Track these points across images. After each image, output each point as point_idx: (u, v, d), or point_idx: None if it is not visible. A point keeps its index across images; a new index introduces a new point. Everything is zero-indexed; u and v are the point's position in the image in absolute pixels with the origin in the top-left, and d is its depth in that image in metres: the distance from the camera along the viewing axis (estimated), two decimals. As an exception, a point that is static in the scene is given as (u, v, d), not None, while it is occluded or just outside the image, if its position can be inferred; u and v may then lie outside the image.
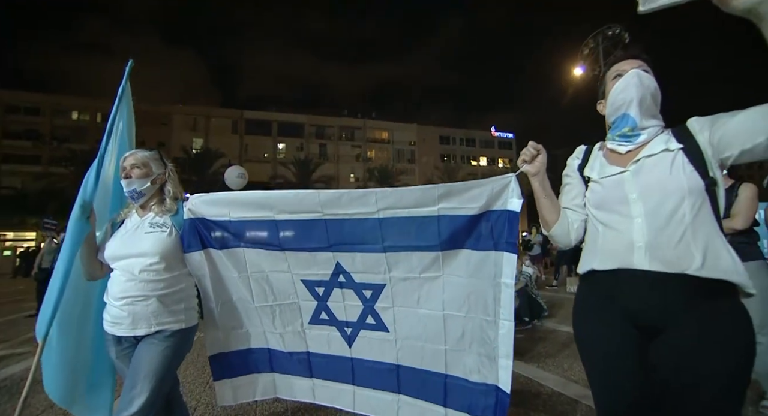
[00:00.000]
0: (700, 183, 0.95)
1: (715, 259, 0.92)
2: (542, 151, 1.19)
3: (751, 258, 2.22)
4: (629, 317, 0.99)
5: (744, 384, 0.91)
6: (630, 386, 0.98)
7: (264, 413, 2.31)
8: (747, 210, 2.23)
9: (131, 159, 1.54)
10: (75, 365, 1.60)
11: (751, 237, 2.30)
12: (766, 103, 0.87)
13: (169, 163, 1.66)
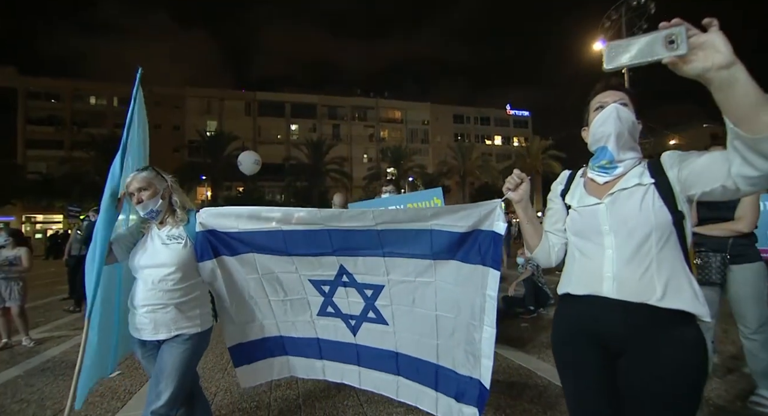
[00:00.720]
0: (668, 217, 1.01)
1: (676, 291, 0.99)
2: (525, 180, 1.25)
3: (751, 260, 2.23)
4: (598, 339, 1.08)
5: (694, 403, 0.99)
6: (599, 402, 1.08)
7: (277, 399, 2.51)
8: (752, 213, 2.21)
9: (136, 183, 1.63)
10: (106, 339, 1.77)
11: (751, 239, 2.28)
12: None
13: (167, 176, 1.77)
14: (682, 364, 0.97)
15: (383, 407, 2.35)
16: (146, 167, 1.74)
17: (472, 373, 1.48)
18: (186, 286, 1.65)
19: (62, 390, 2.80)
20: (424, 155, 45.97)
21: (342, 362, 1.86)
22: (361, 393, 2.53)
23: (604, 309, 1.04)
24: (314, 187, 36.91)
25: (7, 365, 3.42)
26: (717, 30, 0.78)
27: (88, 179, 30.02)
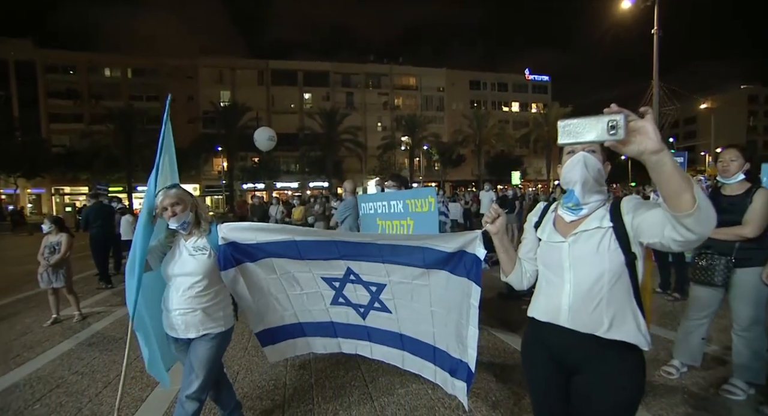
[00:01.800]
0: (622, 259, 1.15)
1: (620, 324, 1.15)
2: (502, 214, 1.39)
3: (756, 264, 2.29)
4: (555, 359, 1.27)
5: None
6: (555, 409, 1.30)
7: (292, 379, 2.84)
8: (759, 219, 2.25)
9: (169, 199, 1.83)
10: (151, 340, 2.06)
11: (762, 243, 2.29)
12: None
13: (191, 193, 1.97)
14: (621, 387, 1.16)
15: (386, 388, 2.64)
16: (175, 184, 1.94)
17: (462, 357, 1.75)
18: (211, 292, 1.90)
19: (108, 364, 3.20)
20: (439, 123, 45.04)
21: (355, 338, 2.18)
22: (367, 374, 2.84)
23: (560, 336, 1.22)
24: (328, 157, 36.99)
25: (61, 338, 3.87)
26: (650, 118, 0.90)
27: (108, 153, 30.90)
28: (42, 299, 5.59)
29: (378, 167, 41.26)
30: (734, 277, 2.36)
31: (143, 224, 1.81)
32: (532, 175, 49.15)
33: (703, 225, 0.93)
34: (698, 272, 2.48)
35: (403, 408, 2.39)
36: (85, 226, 6.36)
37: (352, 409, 2.40)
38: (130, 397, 2.58)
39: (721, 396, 2.39)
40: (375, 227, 3.51)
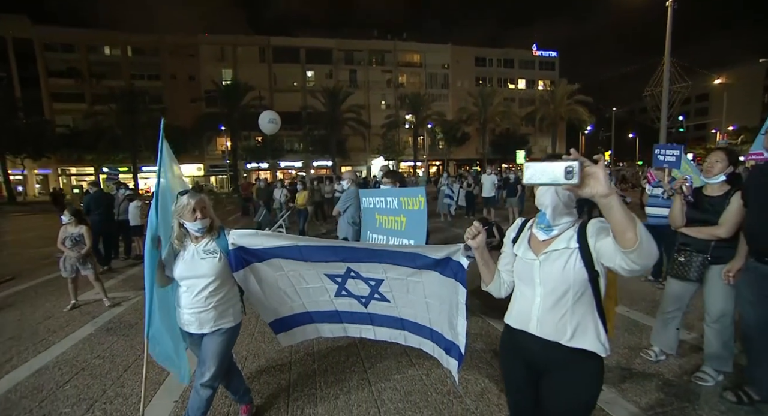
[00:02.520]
0: (585, 276, 1.29)
1: (582, 334, 1.30)
2: (482, 231, 1.52)
3: (727, 262, 2.43)
4: (526, 362, 1.43)
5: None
6: (528, 406, 1.47)
7: (297, 363, 3.07)
8: (733, 221, 2.39)
9: (200, 203, 1.97)
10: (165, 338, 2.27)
11: (734, 243, 2.41)
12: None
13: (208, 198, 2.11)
14: (579, 390, 1.33)
15: (383, 374, 2.86)
16: (198, 193, 2.04)
17: (454, 341, 1.94)
18: (222, 292, 2.07)
19: (126, 349, 3.45)
20: (443, 101, 44.34)
21: (359, 323, 2.38)
22: (366, 360, 3.06)
23: (530, 342, 1.38)
24: (332, 136, 36.77)
25: (81, 323, 4.13)
26: (602, 165, 1.02)
27: (112, 133, 30.88)
28: (59, 283, 5.87)
29: (382, 146, 41.05)
30: (708, 273, 2.51)
31: (149, 250, 1.95)
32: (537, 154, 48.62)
33: (644, 259, 1.06)
34: (676, 267, 2.63)
35: (398, 393, 2.61)
36: (86, 212, 6.56)
37: (352, 393, 2.62)
38: (148, 381, 2.82)
39: (693, 382, 2.58)
40: (374, 221, 3.67)
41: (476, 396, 2.54)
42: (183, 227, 2.02)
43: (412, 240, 3.24)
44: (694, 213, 2.57)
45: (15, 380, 2.94)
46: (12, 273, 6.52)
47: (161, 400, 2.60)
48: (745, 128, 44.85)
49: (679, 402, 2.42)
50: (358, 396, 2.60)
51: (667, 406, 2.38)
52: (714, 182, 2.51)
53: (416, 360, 3.01)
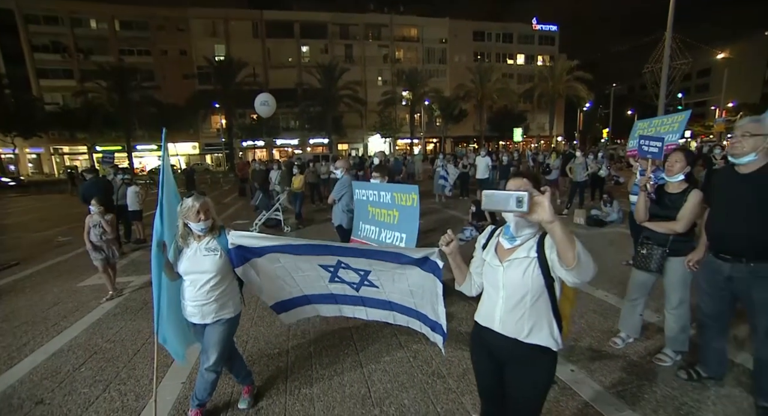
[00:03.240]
0: (542, 282, 1.47)
1: (537, 332, 1.50)
2: (454, 239, 1.69)
3: (683, 254, 2.66)
4: (491, 353, 1.64)
5: (539, 403, 1.59)
6: (493, 391, 1.70)
7: (294, 347, 3.32)
8: (689, 217, 2.60)
9: (203, 206, 2.16)
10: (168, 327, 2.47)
11: (690, 237, 2.67)
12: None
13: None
14: (535, 378, 1.55)
15: (374, 356, 3.11)
16: (201, 195, 2.21)
17: (437, 321, 2.14)
18: (222, 286, 2.27)
19: (134, 333, 3.68)
20: (441, 77, 43.61)
21: (352, 305, 2.59)
22: (358, 343, 3.31)
23: (494, 338, 1.58)
24: (328, 113, 36.34)
25: (89, 308, 4.34)
26: (548, 196, 1.19)
27: (104, 111, 30.32)
28: (63, 268, 6.10)
29: (378, 123, 40.69)
30: (667, 265, 2.73)
31: (155, 255, 2.11)
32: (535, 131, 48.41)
33: (582, 276, 1.25)
34: (639, 259, 2.85)
35: (387, 374, 2.86)
36: (84, 200, 6.65)
37: (345, 374, 2.87)
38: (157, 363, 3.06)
39: (654, 363, 2.85)
40: (366, 212, 3.84)
41: (458, 377, 2.79)
42: (187, 226, 2.20)
43: (404, 234, 3.42)
44: (656, 209, 2.75)
45: (34, 363, 3.18)
46: (16, 258, 6.70)
47: (170, 381, 2.84)
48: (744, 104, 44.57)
49: (638, 380, 2.68)
50: (350, 377, 2.85)
51: (628, 384, 2.64)
52: (674, 180, 2.69)
53: (405, 343, 3.26)
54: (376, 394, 2.64)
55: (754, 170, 2.17)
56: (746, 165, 2.19)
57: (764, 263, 2.17)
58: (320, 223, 8.86)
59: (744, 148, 2.15)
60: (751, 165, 2.18)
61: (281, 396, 2.65)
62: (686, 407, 2.39)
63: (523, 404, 1.60)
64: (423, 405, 2.50)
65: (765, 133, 2.10)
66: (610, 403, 2.45)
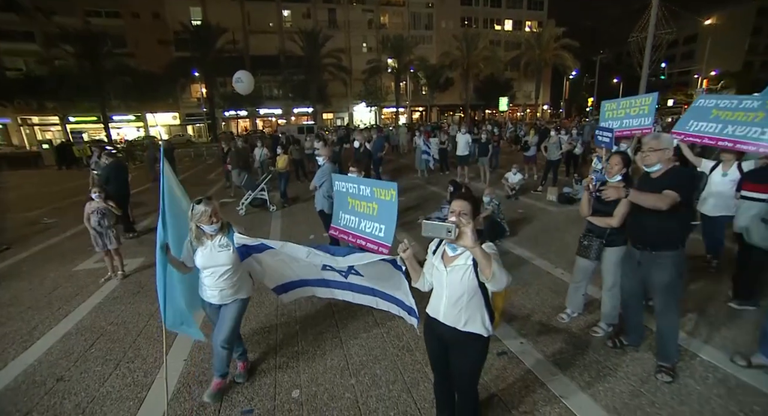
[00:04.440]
0: (476, 285, 1.86)
1: (472, 322, 1.90)
2: (410, 247, 2.04)
3: (617, 245, 3.12)
4: (438, 338, 2.06)
5: (476, 374, 2.03)
6: (441, 366, 2.13)
7: (282, 325, 3.74)
8: (623, 213, 2.99)
9: (214, 210, 2.51)
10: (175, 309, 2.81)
11: (623, 231, 3.07)
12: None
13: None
14: (471, 358, 1.98)
15: (352, 333, 3.55)
16: (209, 200, 2.53)
17: (411, 306, 2.53)
18: (237, 274, 2.68)
19: (135, 315, 4.04)
20: (427, 43, 42.53)
21: (342, 289, 2.98)
22: (339, 322, 3.74)
23: (440, 326, 1.99)
24: (312, 81, 35.44)
25: (88, 292, 4.66)
26: (471, 227, 1.55)
27: (76, 80, 28.69)
28: (55, 252, 6.33)
29: (364, 91, 39.94)
30: (604, 254, 3.18)
31: (159, 256, 2.44)
32: (521, 100, 48.29)
33: (497, 286, 1.65)
34: (581, 248, 3.30)
35: (364, 348, 3.32)
36: (105, 183, 6.82)
37: (326, 349, 3.32)
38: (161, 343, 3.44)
39: (589, 334, 3.36)
40: (346, 203, 4.14)
41: (424, 351, 3.21)
42: (199, 228, 2.55)
43: (383, 225, 3.74)
44: (597, 206, 3.16)
45: (46, 345, 3.53)
46: (5, 241, 6.85)
47: (173, 359, 3.23)
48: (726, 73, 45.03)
49: (574, 349, 3.19)
50: (331, 351, 3.30)
51: (565, 353, 3.15)
52: (613, 181, 3.08)
53: (380, 321, 3.71)
54: (353, 366, 3.10)
55: (660, 175, 2.64)
56: (655, 172, 2.65)
57: (662, 251, 2.65)
58: (305, 202, 9.14)
59: (652, 160, 2.63)
60: (658, 172, 2.66)
61: (271, 370, 3.09)
62: (606, 369, 2.91)
63: (463, 376, 2.05)
64: (393, 375, 2.97)
65: (663, 148, 2.59)
66: (547, 369, 2.95)
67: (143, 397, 2.80)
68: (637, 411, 2.50)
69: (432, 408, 2.47)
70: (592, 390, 2.71)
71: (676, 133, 4.05)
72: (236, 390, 2.86)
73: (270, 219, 7.99)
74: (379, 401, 2.69)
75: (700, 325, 3.44)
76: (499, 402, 2.64)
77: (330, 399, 2.73)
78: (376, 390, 2.80)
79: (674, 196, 2.42)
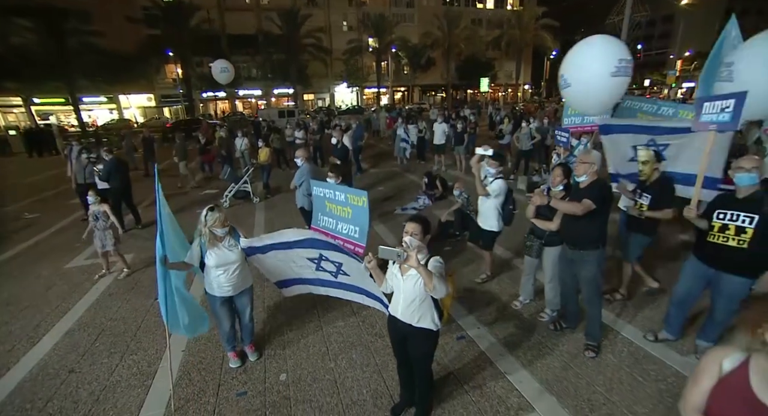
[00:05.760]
0: (426, 291, 2.32)
1: (423, 320, 2.37)
2: (374, 259, 2.46)
3: (554, 245, 3.61)
4: (398, 331, 2.53)
5: (429, 360, 2.53)
6: (401, 354, 2.62)
7: (270, 319, 4.18)
8: (558, 218, 3.45)
9: (223, 216, 2.97)
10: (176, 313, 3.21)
11: (558, 232, 3.52)
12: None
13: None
14: (423, 347, 2.47)
15: (331, 322, 4.03)
16: (219, 208, 3.00)
17: (383, 299, 3.01)
18: (243, 267, 3.16)
19: (132, 311, 4.40)
20: (409, 22, 41.91)
21: (334, 288, 3.47)
22: (320, 311, 4.20)
23: (398, 323, 2.46)
24: (291, 62, 34.69)
25: (84, 290, 4.96)
26: (414, 252, 1.99)
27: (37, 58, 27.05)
28: (44, 248, 6.56)
29: (345, 71, 39.39)
30: (543, 253, 3.71)
31: (159, 267, 2.79)
32: (502, 79, 48.46)
33: (438, 295, 2.10)
34: (526, 248, 3.83)
35: (341, 335, 3.80)
36: (106, 179, 7.15)
37: (309, 337, 3.79)
38: (160, 336, 3.84)
39: (537, 319, 3.92)
40: (324, 206, 4.54)
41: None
42: (212, 233, 2.97)
43: (357, 227, 4.17)
44: (542, 210, 3.64)
45: (52, 341, 3.88)
46: (-8, 238, 6.98)
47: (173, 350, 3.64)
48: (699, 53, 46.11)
49: (523, 332, 3.75)
50: (313, 338, 3.77)
51: (514, 336, 3.70)
52: (556, 190, 3.55)
53: (356, 311, 4.18)
54: (332, 351, 3.58)
55: (585, 185, 3.16)
56: (582, 182, 3.15)
57: (586, 250, 3.19)
58: (288, 192, 9.42)
59: (579, 171, 3.15)
60: (584, 182, 3.17)
61: (262, 358, 3.53)
62: (546, 348, 3.48)
63: (418, 361, 2.55)
64: (366, 358, 3.47)
65: (590, 162, 3.09)
66: (498, 351, 3.49)
67: (150, 384, 3.23)
68: (563, 381, 3.07)
69: (398, 386, 2.97)
70: (531, 367, 3.27)
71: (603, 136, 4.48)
72: (232, 375, 3.31)
73: (254, 210, 8.30)
74: (354, 381, 3.19)
75: (628, 308, 4.05)
76: (454, 378, 3.17)
77: (313, 381, 3.21)
78: (351, 372, 3.29)
79: (589, 204, 2.94)
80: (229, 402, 3.02)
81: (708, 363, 1.43)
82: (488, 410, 2.83)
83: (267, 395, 3.08)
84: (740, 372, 1.34)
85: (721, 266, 2.90)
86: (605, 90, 3.96)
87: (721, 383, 1.38)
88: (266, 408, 2.94)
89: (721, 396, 1.37)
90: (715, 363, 1.41)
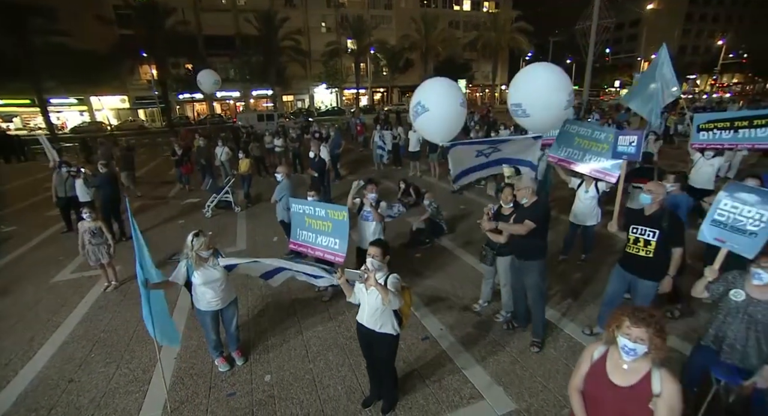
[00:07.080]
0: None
1: (385, 326, 2.83)
2: (343, 275, 2.91)
3: (505, 255, 4.13)
4: (364, 337, 2.98)
5: (392, 360, 3.01)
6: (369, 355, 3.08)
7: (254, 324, 4.56)
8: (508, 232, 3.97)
9: (208, 240, 3.38)
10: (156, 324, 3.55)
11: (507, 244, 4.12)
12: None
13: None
14: (385, 350, 2.94)
15: (310, 326, 4.45)
16: (203, 233, 3.40)
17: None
18: (227, 283, 3.56)
19: (123, 323, 4.69)
20: (387, 24, 42.34)
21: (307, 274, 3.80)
22: (301, 318, 4.61)
23: (363, 329, 2.92)
24: (270, 64, 34.56)
25: (73, 303, 5.19)
26: (373, 272, 2.45)
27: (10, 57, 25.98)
28: (28, 262, 6.68)
29: (324, 73, 39.52)
30: (497, 261, 4.24)
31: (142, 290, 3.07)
32: (480, 80, 49.56)
33: (392, 308, 2.57)
34: (481, 256, 4.36)
35: (320, 339, 4.23)
36: (97, 191, 7.59)
37: (290, 341, 4.20)
38: (152, 345, 4.17)
39: (493, 320, 4.45)
40: (303, 221, 4.91)
41: (367, 338, 4.21)
42: (198, 255, 3.36)
43: (337, 239, 4.56)
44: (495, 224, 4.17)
45: (48, 353, 4.15)
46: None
47: (165, 358, 3.98)
48: (664, 56, 48.42)
49: (480, 332, 4.27)
50: (294, 342, 4.18)
51: (472, 335, 4.21)
52: (506, 206, 4.07)
53: (333, 316, 4.62)
54: (311, 354, 4.01)
55: (528, 205, 3.70)
56: (525, 203, 3.70)
57: (527, 261, 3.74)
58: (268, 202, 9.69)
59: (521, 196, 3.69)
60: (527, 203, 3.71)
61: (248, 361, 3.93)
62: (498, 346, 4.01)
63: (382, 362, 3.03)
64: (342, 359, 3.91)
65: (526, 187, 3.65)
66: (457, 349, 4.00)
67: (146, 390, 3.58)
68: (510, 373, 3.60)
69: (368, 382, 3.42)
70: (484, 362, 3.78)
71: (551, 156, 5.00)
72: (221, 378, 3.70)
73: (236, 220, 8.57)
74: (331, 379, 3.63)
75: (573, 307, 4.64)
76: (417, 375, 3.65)
77: (294, 380, 3.63)
78: (328, 372, 3.73)
79: (531, 225, 3.48)
80: (220, 402, 3.41)
81: (585, 353, 1.95)
82: (444, 400, 3.32)
83: (254, 394, 3.48)
84: (602, 360, 1.86)
85: (636, 272, 3.49)
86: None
87: (591, 368, 1.89)
88: (254, 406, 3.35)
89: (591, 378, 1.88)
90: (589, 353, 1.93)
